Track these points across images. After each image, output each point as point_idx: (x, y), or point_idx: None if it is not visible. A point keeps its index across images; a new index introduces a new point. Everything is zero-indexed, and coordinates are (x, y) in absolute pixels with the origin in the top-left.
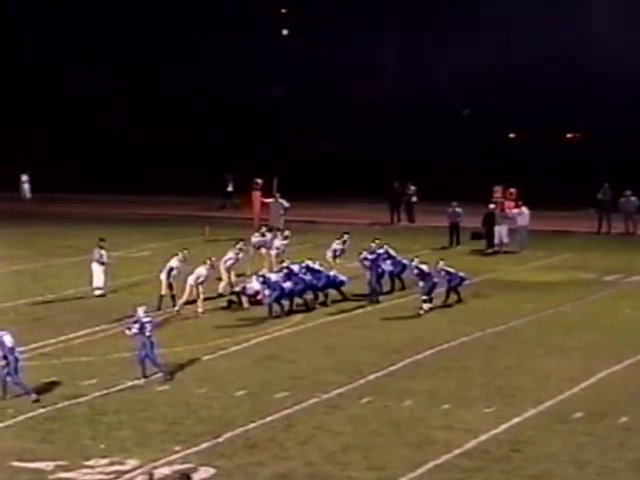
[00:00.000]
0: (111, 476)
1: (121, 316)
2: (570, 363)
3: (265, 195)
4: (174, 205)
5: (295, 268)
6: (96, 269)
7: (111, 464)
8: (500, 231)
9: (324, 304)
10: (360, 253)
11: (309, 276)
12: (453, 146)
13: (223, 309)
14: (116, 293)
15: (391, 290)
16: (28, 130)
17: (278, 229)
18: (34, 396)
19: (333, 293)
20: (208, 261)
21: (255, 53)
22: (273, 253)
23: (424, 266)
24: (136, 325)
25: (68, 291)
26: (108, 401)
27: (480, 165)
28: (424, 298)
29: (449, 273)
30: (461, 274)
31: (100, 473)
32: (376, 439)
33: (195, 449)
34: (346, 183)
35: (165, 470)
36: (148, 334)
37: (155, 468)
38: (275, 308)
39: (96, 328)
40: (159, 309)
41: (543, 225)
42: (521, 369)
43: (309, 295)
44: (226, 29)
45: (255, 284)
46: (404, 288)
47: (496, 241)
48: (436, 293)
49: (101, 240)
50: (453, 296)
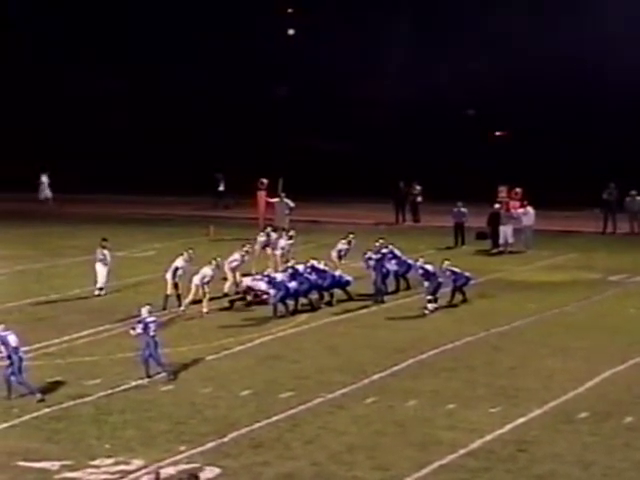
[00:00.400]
0: (116, 476)
1: (125, 316)
2: (575, 363)
3: (270, 195)
4: (178, 205)
5: (300, 268)
6: (99, 269)
7: (116, 464)
8: (505, 231)
9: (329, 304)
10: (365, 253)
11: (314, 276)
12: (458, 146)
13: (225, 309)
14: (120, 293)
15: (396, 290)
16: (42, 130)
17: (283, 229)
18: (39, 396)
19: (338, 293)
20: (214, 261)
21: (260, 53)
22: (278, 253)
23: (429, 266)
24: (140, 325)
25: (73, 291)
26: (113, 401)
27: (485, 165)
28: (429, 298)
29: (454, 273)
30: (467, 274)
31: (105, 473)
32: (381, 439)
33: (200, 449)
34: (351, 183)
35: (170, 470)
36: (152, 334)
37: (160, 468)
38: (280, 308)
39: (100, 328)
40: (164, 309)
41: (548, 225)
42: (526, 369)
43: (314, 295)
44: (231, 29)
45: (260, 283)
46: (409, 288)
47: (501, 241)
48: (441, 293)
49: (104, 240)
50: (458, 296)
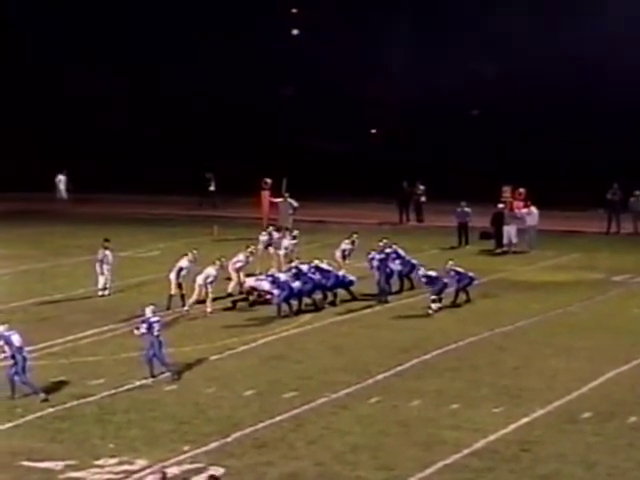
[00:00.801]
0: (120, 475)
1: (129, 316)
2: (578, 363)
3: (274, 195)
4: (182, 205)
5: (304, 268)
6: (99, 270)
7: (120, 463)
8: (509, 231)
9: (333, 304)
10: (369, 253)
11: (318, 276)
12: (462, 146)
13: (229, 310)
14: (124, 293)
15: (400, 290)
16: (42, 130)
17: (287, 229)
18: (42, 395)
19: (342, 293)
20: (217, 261)
21: (263, 53)
22: (281, 253)
23: (431, 272)
24: (144, 325)
25: (76, 291)
26: (117, 401)
27: (488, 165)
28: (433, 298)
29: (458, 273)
30: (470, 274)
31: (109, 472)
32: (385, 439)
33: (204, 449)
34: (355, 183)
35: (174, 470)
36: (156, 334)
37: (164, 468)
38: (284, 308)
39: (104, 328)
40: (168, 309)
41: (552, 225)
42: (529, 369)
43: (318, 295)
44: (233, 29)
45: (264, 283)
46: (413, 288)
47: (505, 241)
48: (445, 293)
49: (106, 240)
50: (462, 296)
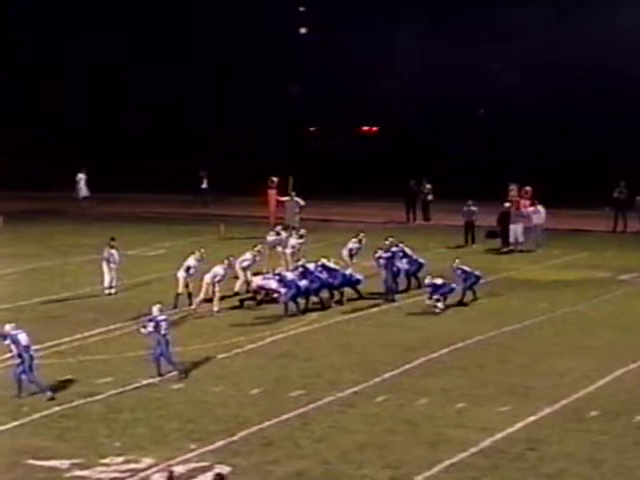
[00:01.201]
0: (126, 474)
1: (136, 314)
2: (585, 362)
3: (280, 193)
4: (188, 203)
5: (311, 266)
6: (105, 269)
7: (127, 462)
8: (515, 230)
9: (340, 302)
10: (375, 252)
11: (325, 275)
12: (469, 144)
13: (236, 308)
14: (131, 291)
15: (407, 289)
16: (50, 129)
17: (293, 228)
18: (49, 394)
19: (349, 292)
20: (226, 260)
21: (272, 51)
22: (288, 252)
23: (437, 280)
24: (151, 323)
25: (84, 289)
26: (124, 399)
27: (495, 163)
28: (437, 297)
29: (465, 272)
30: (477, 273)
31: (116, 471)
32: (391, 437)
33: (210, 447)
34: (362, 182)
35: (181, 468)
36: (163, 332)
37: (170, 466)
38: (291, 306)
39: (111, 326)
40: (175, 307)
41: (558, 224)
42: (536, 368)
43: (325, 294)
44: (242, 27)
45: (271, 282)
46: (420, 287)
47: (511, 240)
48: (456, 290)
49: (112, 239)
50: (469, 295)
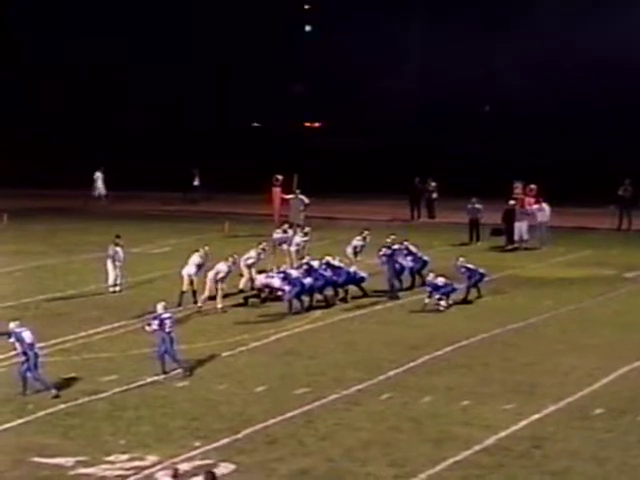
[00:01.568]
0: (131, 472)
1: (141, 312)
2: (590, 359)
3: (285, 191)
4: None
5: (315, 264)
6: (110, 266)
7: (131, 460)
8: (520, 227)
9: (344, 300)
10: (380, 249)
11: (329, 272)
12: (473, 142)
13: (240, 306)
14: (136, 289)
15: (411, 286)
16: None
17: (298, 225)
18: (54, 392)
19: (353, 289)
20: (230, 258)
21: (277, 50)
22: (293, 249)
23: (439, 280)
24: (156, 321)
25: (88, 287)
26: (128, 397)
27: (500, 161)
28: (438, 297)
29: (469, 269)
30: (481, 270)
31: (120, 469)
32: (396, 435)
33: (215, 445)
34: (366, 179)
35: (185, 466)
36: (168, 330)
37: (175, 464)
38: (295, 304)
39: (116, 324)
40: (180, 305)
41: (563, 221)
42: (541, 366)
43: (329, 291)
44: (247, 26)
45: (275, 280)
46: (424, 284)
47: (516, 237)
48: (459, 291)
49: (117, 237)
50: (473, 292)
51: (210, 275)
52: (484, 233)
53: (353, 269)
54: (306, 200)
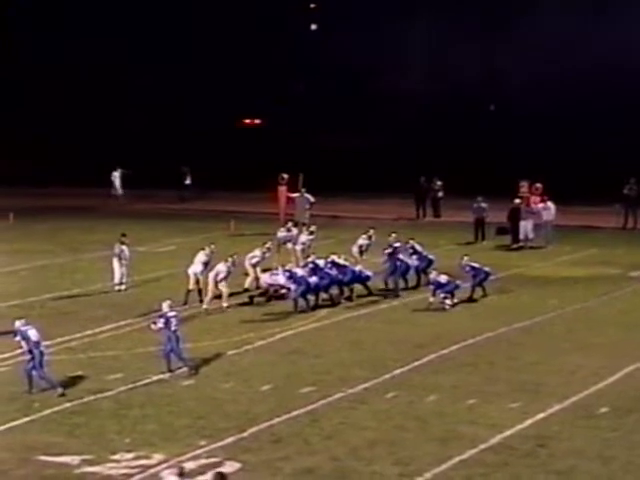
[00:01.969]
0: (136, 470)
1: (147, 311)
2: (595, 358)
3: (291, 190)
4: (199, 200)
5: (321, 263)
6: (116, 265)
7: (137, 458)
8: (525, 226)
9: (349, 299)
10: (385, 248)
11: (335, 271)
12: (479, 141)
13: (245, 305)
14: (141, 288)
15: (417, 285)
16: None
17: (303, 224)
18: (60, 390)
19: (358, 288)
20: (230, 258)
21: (281, 49)
22: (299, 248)
23: (442, 278)
24: (161, 320)
25: (94, 286)
26: (134, 395)
27: (505, 160)
28: (443, 295)
29: (474, 268)
30: (486, 269)
31: (126, 467)
32: (401, 434)
33: (220, 444)
34: (372, 178)
35: (190, 464)
36: (174, 328)
37: (180, 462)
38: (301, 303)
39: (122, 322)
40: (185, 304)
41: (569, 220)
42: (546, 365)
43: (334, 290)
44: (251, 24)
45: (280, 278)
46: (430, 283)
47: (521, 236)
48: (462, 288)
49: (122, 235)
50: (478, 291)
51: (210, 276)
52: (489, 232)
53: (358, 268)
54: (311, 199)
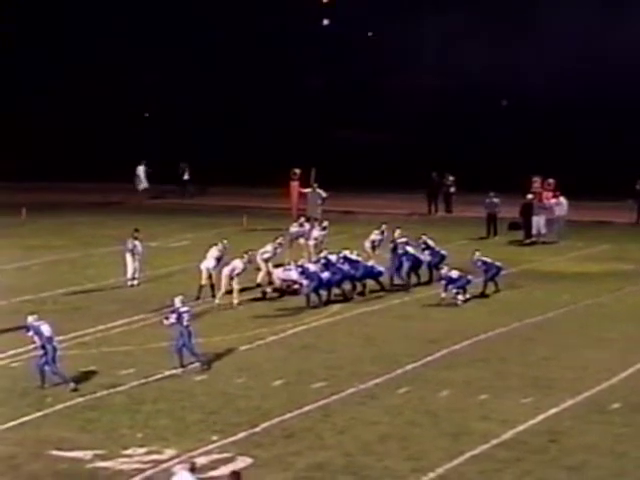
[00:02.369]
0: (148, 465)
1: (159, 306)
2: (608, 354)
3: (303, 185)
4: (211, 195)
5: (333, 258)
6: (129, 260)
7: (149, 453)
8: (538, 221)
9: (362, 294)
10: (392, 242)
11: (347, 266)
12: (491, 136)
13: (258, 300)
14: (154, 283)
15: (429, 281)
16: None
17: (316, 219)
18: (72, 385)
19: (371, 283)
20: (245, 255)
21: (295, 43)
22: (311, 243)
23: (453, 273)
24: (174, 315)
25: (107, 281)
26: (146, 390)
27: (518, 155)
28: (457, 290)
29: (486, 263)
30: (498, 264)
31: (138, 462)
32: (413, 429)
33: (232, 439)
34: (384, 174)
35: (202, 459)
36: (186, 324)
37: (192, 457)
38: (313, 298)
39: (134, 318)
40: (198, 299)
41: (581, 216)
42: (558, 360)
43: (347, 285)
44: (265, 19)
45: (293, 273)
46: (442, 278)
47: (534, 231)
48: (474, 283)
49: (135, 231)
50: (490, 286)
51: (225, 271)
52: (502, 227)
53: (371, 263)
54: (324, 194)
